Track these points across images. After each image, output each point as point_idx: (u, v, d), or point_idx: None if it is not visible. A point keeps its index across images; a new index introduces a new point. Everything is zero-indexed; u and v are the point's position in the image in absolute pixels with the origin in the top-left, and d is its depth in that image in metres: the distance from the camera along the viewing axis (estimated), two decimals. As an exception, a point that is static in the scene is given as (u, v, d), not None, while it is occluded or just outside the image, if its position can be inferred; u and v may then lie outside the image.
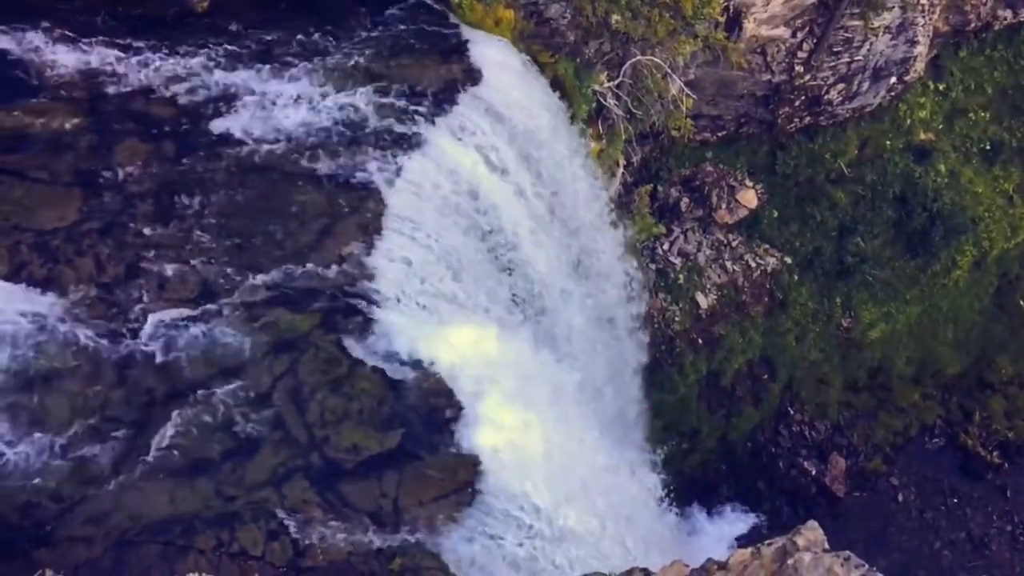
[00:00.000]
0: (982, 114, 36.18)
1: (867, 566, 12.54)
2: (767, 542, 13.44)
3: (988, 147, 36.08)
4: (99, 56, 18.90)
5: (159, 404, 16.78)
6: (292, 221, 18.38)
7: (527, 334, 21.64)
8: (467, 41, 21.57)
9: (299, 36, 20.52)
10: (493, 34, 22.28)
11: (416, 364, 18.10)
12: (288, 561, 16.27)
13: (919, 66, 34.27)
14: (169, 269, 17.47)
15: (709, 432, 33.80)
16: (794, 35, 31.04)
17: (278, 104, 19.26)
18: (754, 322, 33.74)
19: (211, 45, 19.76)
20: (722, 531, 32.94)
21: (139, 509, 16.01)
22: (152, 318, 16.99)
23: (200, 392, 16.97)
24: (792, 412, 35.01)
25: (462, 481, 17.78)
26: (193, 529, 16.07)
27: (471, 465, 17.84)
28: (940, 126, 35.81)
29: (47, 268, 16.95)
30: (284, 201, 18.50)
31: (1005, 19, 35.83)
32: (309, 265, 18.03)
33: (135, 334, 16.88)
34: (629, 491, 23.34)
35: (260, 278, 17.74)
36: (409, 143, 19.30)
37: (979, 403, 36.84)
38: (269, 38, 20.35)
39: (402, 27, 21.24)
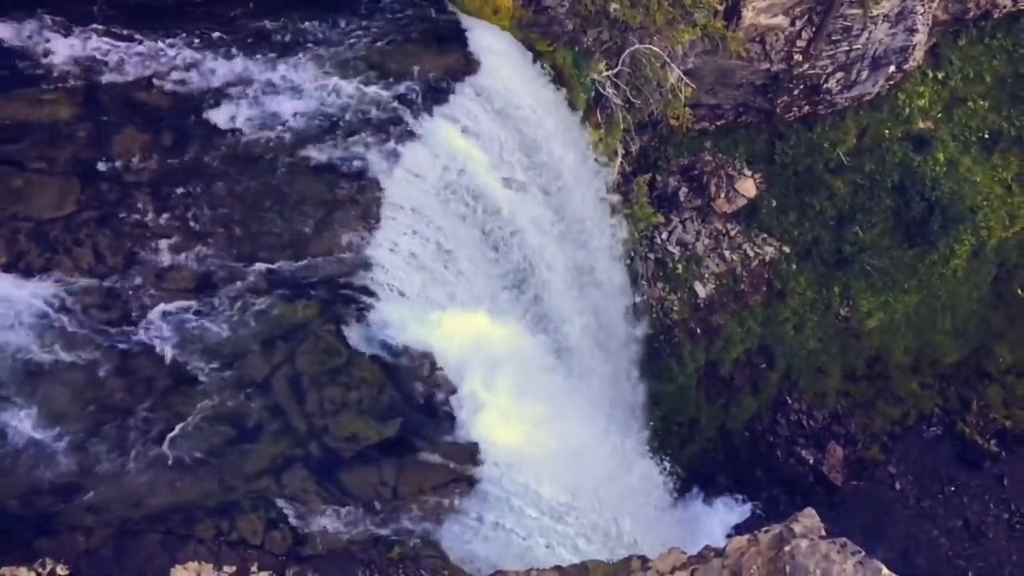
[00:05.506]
0: (981, 103, 36.11)
1: (863, 553, 12.61)
2: (764, 529, 13.52)
3: (987, 136, 36.02)
4: (96, 45, 18.83)
5: (159, 394, 16.81)
6: (290, 210, 18.37)
7: (525, 322, 21.67)
8: (465, 29, 21.52)
9: (297, 24, 20.46)
10: (491, 22, 22.23)
11: (415, 353, 18.12)
12: (288, 549, 16.33)
13: (918, 55, 34.17)
14: (168, 259, 17.48)
15: (708, 421, 33.85)
16: (793, 23, 30.94)
17: (276, 93, 19.23)
18: (753, 311, 33.75)
19: (209, 34, 19.69)
20: (720, 519, 33.05)
21: (139, 499, 16.07)
22: (151, 308, 17.01)
23: (199, 382, 17.00)
24: (790, 401, 35.06)
25: (461, 469, 17.82)
26: (193, 518, 16.12)
27: (470, 453, 17.89)
28: (939, 115, 35.74)
29: (45, 258, 16.95)
30: (282, 190, 18.49)
31: (1005, 7, 35.71)
32: (308, 254, 18.03)
33: (134, 324, 16.90)
34: (628, 480, 23.39)
35: (259, 268, 17.75)
36: (407, 131, 19.27)
37: (977, 392, 36.88)
38: (267, 26, 20.30)
39: (400, 15, 21.19)
